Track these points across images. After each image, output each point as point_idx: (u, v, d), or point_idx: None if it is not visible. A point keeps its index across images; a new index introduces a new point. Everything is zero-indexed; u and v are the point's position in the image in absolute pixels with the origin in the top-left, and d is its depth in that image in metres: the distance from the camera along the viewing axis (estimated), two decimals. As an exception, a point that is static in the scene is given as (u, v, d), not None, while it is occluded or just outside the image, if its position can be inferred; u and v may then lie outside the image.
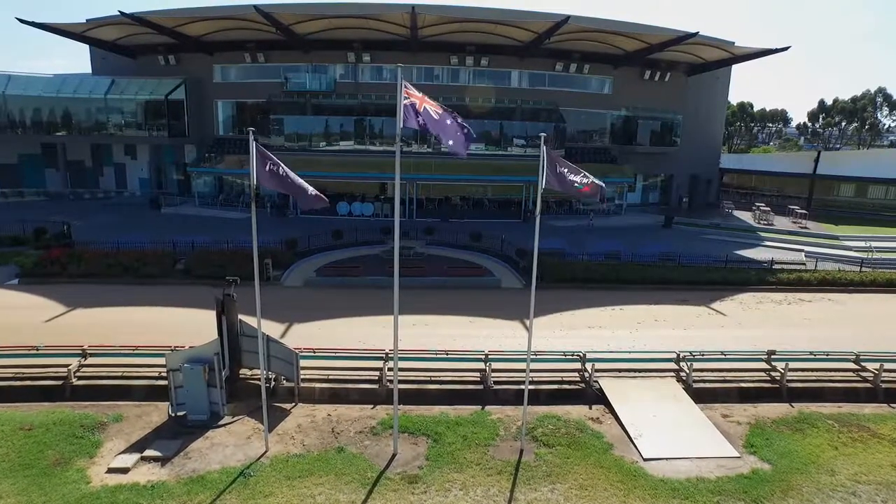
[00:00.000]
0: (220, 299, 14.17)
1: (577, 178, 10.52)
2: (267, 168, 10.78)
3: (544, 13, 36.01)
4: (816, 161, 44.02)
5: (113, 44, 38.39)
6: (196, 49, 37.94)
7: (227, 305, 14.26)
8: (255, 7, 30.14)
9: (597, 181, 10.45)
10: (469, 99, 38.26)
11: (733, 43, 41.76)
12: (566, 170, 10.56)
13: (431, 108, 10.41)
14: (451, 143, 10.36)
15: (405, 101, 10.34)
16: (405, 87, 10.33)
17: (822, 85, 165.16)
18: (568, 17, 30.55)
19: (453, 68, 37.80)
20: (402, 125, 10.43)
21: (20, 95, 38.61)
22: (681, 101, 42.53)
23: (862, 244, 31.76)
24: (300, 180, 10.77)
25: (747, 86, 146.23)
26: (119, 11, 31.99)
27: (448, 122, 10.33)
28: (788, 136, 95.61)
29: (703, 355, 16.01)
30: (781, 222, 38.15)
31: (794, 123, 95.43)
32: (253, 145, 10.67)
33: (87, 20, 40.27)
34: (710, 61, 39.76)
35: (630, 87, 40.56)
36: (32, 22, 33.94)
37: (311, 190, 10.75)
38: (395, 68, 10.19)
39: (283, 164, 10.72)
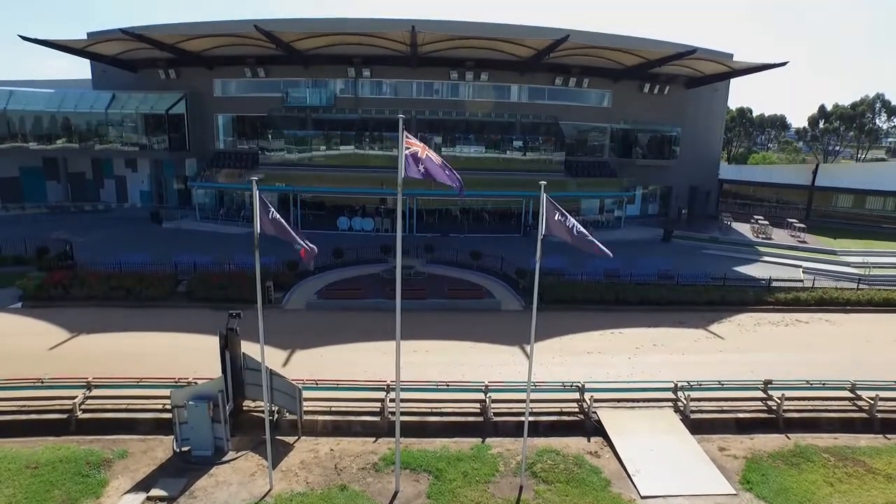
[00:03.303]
0: (223, 334, 14.37)
1: (578, 233, 10.76)
2: (269, 216, 11.07)
3: (544, 28, 36.33)
4: (815, 173, 44.25)
5: (114, 58, 38.57)
6: (196, 63, 38.14)
7: (230, 340, 14.46)
8: (255, 25, 30.29)
9: (601, 246, 10.71)
10: (469, 113, 38.50)
11: (731, 56, 42.12)
12: (565, 219, 10.78)
13: (432, 156, 10.64)
14: (453, 185, 10.61)
15: (406, 152, 10.55)
16: (406, 137, 10.54)
17: (821, 88, 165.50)
18: (568, 35, 30.73)
19: (453, 83, 38.01)
20: (403, 174, 10.64)
21: (22, 110, 38.79)
22: (680, 113, 42.74)
23: (859, 259, 31.92)
24: (293, 232, 11.12)
25: (747, 90, 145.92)
26: (119, 29, 32.17)
27: (447, 172, 10.56)
28: (788, 139, 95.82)
29: (700, 385, 16.19)
30: (779, 235, 38.32)
31: (793, 128, 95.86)
32: (256, 194, 10.89)
33: (87, 34, 40.62)
34: (709, 75, 39.97)
35: (629, 101, 40.80)
36: (34, 39, 34.09)
37: (302, 242, 11.07)
38: (399, 113, 10.38)
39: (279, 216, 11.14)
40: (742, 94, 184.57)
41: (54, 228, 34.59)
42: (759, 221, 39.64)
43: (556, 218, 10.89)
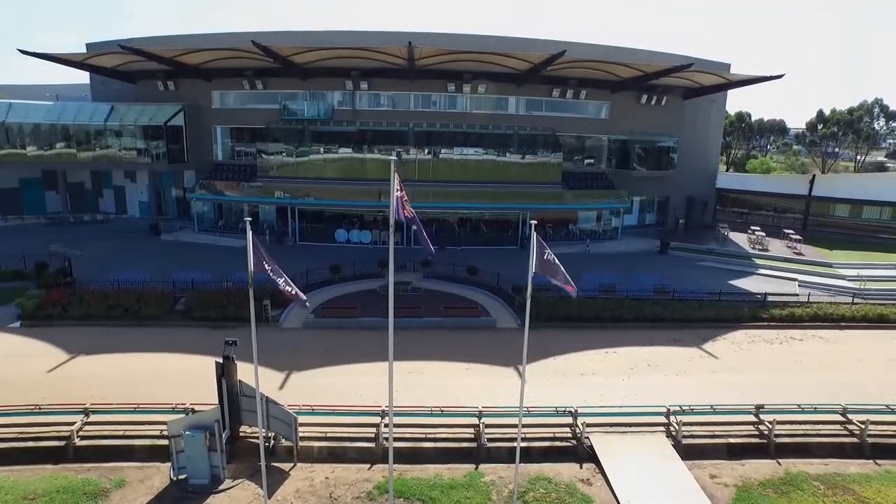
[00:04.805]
0: (220, 363, 14.54)
1: (558, 274, 11.07)
2: (260, 257, 11.29)
3: (542, 40, 36.47)
4: (811, 183, 44.40)
5: (113, 70, 38.73)
6: (194, 75, 38.27)
7: (226, 368, 14.62)
8: (253, 41, 30.43)
9: (572, 284, 11.01)
10: (467, 125, 38.64)
11: (729, 67, 42.36)
12: (551, 259, 11.05)
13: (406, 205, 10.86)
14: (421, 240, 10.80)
15: (397, 194, 10.72)
16: (396, 178, 10.71)
17: (822, 90, 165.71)
18: (564, 51, 30.90)
19: (451, 95, 38.15)
20: (395, 216, 10.81)
21: (21, 122, 38.90)
22: (677, 123, 42.88)
23: (855, 273, 32.03)
24: (284, 277, 11.26)
25: (746, 94, 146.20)
26: (118, 44, 32.35)
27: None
28: (788, 142, 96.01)
29: (692, 409, 16.32)
30: (776, 246, 38.43)
31: (792, 132, 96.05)
32: (250, 235, 11.10)
33: (87, 45, 40.82)
34: (707, 86, 40.08)
35: (627, 112, 40.91)
36: (34, 52, 34.27)
37: (290, 288, 11.14)
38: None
39: (272, 260, 11.23)
40: (741, 99, 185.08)
41: (53, 240, 34.76)
42: (756, 232, 39.74)
43: (544, 257, 11.07)
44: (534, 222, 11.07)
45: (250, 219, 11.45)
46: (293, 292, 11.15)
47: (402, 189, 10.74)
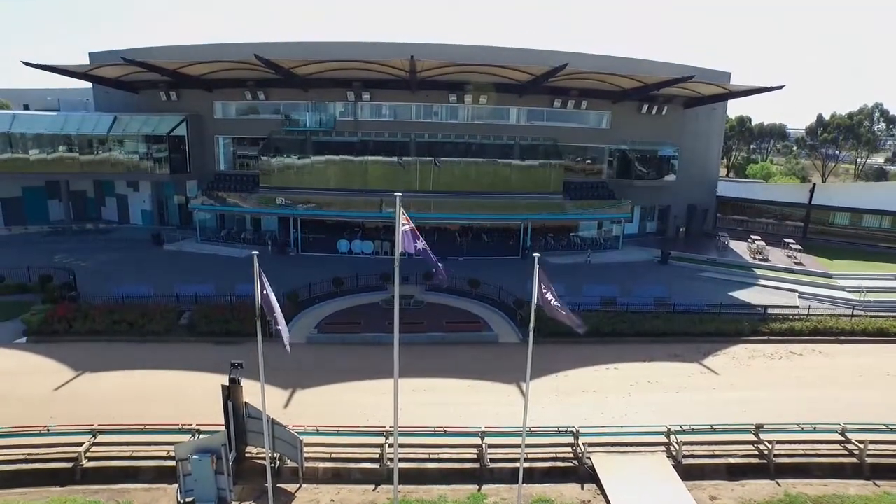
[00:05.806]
0: (226, 386, 14.73)
1: (563, 311, 11.24)
2: (264, 291, 11.58)
3: (544, 51, 36.71)
4: (811, 192, 44.61)
5: (116, 81, 38.98)
6: (196, 86, 38.44)
7: (232, 391, 14.81)
8: (255, 55, 30.63)
9: (577, 321, 11.22)
10: (468, 135, 38.82)
11: (729, 75, 42.71)
12: (552, 298, 11.22)
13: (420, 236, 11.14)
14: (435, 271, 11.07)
15: (403, 228, 10.94)
16: (402, 213, 10.92)
17: (822, 92, 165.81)
18: (566, 64, 31.09)
19: (452, 106, 38.33)
20: (401, 250, 11.04)
21: (24, 133, 39.07)
22: (678, 132, 43.06)
23: (855, 284, 32.19)
24: (275, 315, 12.00)
25: (747, 98, 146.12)
26: (121, 56, 32.57)
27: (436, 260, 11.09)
28: (788, 144, 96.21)
29: (692, 429, 16.49)
30: (776, 256, 38.59)
31: (793, 136, 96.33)
32: (257, 267, 11.29)
33: (89, 54, 41.07)
34: (707, 96, 40.31)
35: (628, 121, 41.07)
36: (38, 64, 34.48)
37: (283, 331, 11.88)
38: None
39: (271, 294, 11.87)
40: (742, 102, 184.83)
41: (56, 250, 34.99)
42: (756, 242, 39.92)
43: (546, 296, 11.26)
44: (537, 255, 11.27)
45: (257, 253, 11.62)
46: (277, 329, 11.66)
47: (410, 221, 10.95)
